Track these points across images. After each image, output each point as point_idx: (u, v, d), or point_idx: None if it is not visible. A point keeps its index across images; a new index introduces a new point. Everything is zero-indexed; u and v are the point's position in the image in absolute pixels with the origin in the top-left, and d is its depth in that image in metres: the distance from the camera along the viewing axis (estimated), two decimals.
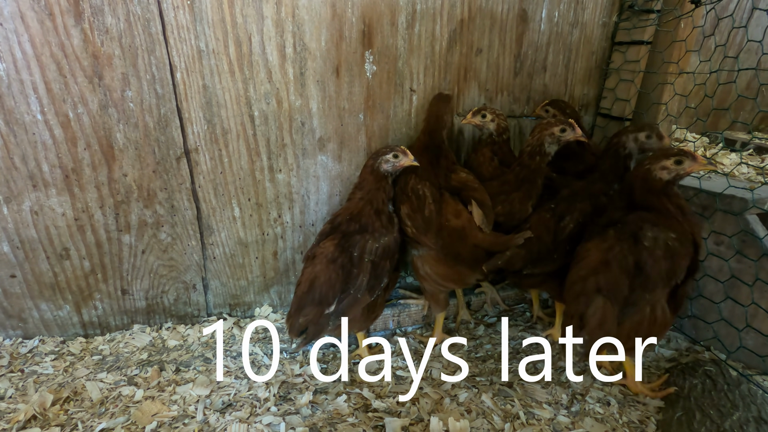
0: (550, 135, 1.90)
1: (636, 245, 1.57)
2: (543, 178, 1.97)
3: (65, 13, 1.59)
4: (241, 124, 1.92)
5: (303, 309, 1.69)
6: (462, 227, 1.81)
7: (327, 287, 1.69)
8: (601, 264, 1.58)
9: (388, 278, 1.88)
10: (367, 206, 1.86)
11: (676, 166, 1.62)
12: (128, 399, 1.66)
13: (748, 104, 2.87)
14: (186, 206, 1.97)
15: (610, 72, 2.46)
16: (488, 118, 2.09)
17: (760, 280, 1.76)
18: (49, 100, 1.67)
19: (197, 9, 1.71)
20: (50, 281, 1.91)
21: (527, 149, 1.94)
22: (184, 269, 2.08)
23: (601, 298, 1.54)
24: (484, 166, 2.13)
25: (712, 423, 1.45)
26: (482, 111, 2.09)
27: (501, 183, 2.00)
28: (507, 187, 1.97)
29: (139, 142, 1.82)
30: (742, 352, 1.83)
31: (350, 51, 1.97)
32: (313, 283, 1.70)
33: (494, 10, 2.15)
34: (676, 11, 2.13)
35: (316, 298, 1.69)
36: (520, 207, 1.94)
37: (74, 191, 1.81)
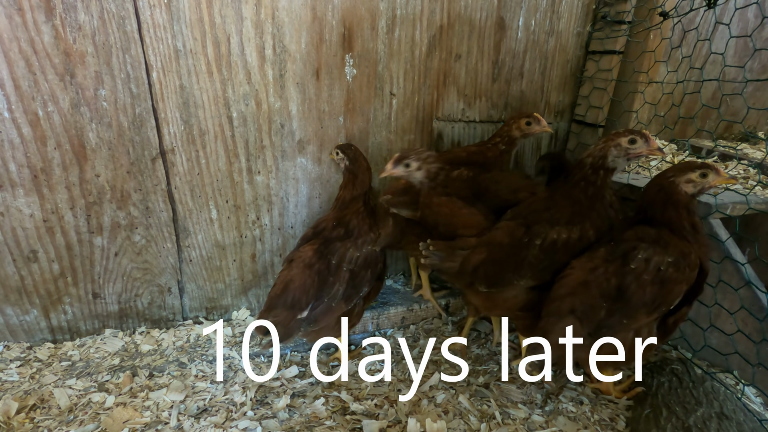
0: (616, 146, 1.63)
1: (623, 267, 1.49)
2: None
3: (35, 9, 1.54)
4: (219, 125, 1.90)
5: (273, 310, 1.67)
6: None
7: (300, 292, 1.68)
8: (581, 285, 1.52)
9: (369, 287, 1.85)
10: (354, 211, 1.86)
11: (701, 180, 1.54)
12: (98, 406, 1.62)
13: (713, 113, 3.00)
14: (161, 208, 1.93)
15: (584, 80, 2.54)
16: (413, 167, 1.73)
17: (723, 281, 1.84)
18: (17, 98, 1.61)
19: (174, 8, 1.69)
20: (17, 285, 1.84)
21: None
22: (159, 272, 2.04)
23: (572, 318, 1.49)
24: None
25: (678, 419, 1.51)
26: (404, 159, 1.73)
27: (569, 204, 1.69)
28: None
29: (112, 142, 1.78)
30: (707, 350, 1.91)
31: (330, 54, 1.98)
32: (287, 286, 1.69)
33: (473, 17, 2.19)
34: (646, 23, 2.22)
35: (288, 301, 1.67)
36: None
37: (43, 192, 1.75)
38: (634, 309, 1.47)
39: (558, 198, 1.72)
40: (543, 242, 1.64)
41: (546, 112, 2.57)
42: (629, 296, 1.46)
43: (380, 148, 2.24)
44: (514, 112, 2.47)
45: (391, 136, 2.24)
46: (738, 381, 1.86)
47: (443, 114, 2.32)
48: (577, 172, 1.70)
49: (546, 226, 1.66)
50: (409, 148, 1.88)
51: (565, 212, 1.67)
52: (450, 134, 2.38)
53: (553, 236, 1.64)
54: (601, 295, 1.49)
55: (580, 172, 1.68)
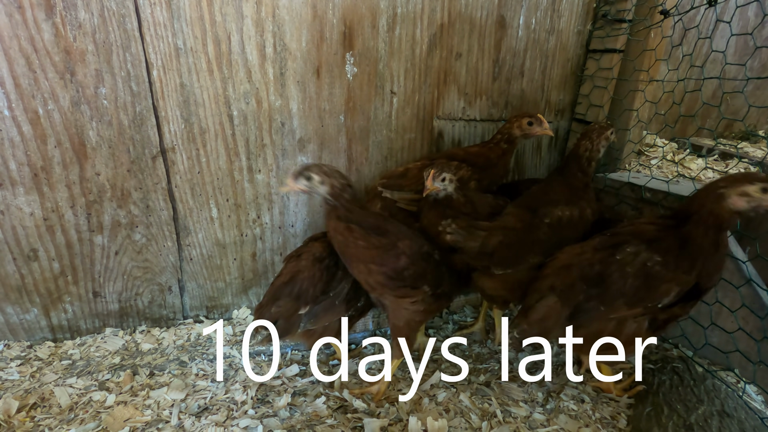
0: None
1: (610, 257, 1.52)
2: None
3: (35, 7, 1.54)
4: (219, 123, 1.89)
5: (278, 300, 1.62)
6: None
7: (309, 283, 1.64)
8: (564, 267, 1.59)
9: (366, 299, 1.81)
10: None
11: (761, 195, 1.33)
12: (99, 404, 1.61)
13: (713, 112, 3.00)
14: (162, 206, 1.93)
15: (585, 78, 2.54)
16: (315, 180, 1.49)
17: (724, 279, 1.84)
18: (17, 96, 1.61)
19: (175, 6, 1.69)
20: (17, 283, 1.83)
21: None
22: (160, 271, 2.03)
23: (554, 297, 1.55)
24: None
25: (679, 417, 1.51)
26: (305, 171, 1.49)
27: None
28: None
29: (113, 141, 1.78)
30: (708, 349, 1.91)
31: (331, 52, 1.98)
32: (295, 276, 1.65)
33: (473, 15, 2.19)
34: (647, 21, 2.22)
35: (294, 291, 1.63)
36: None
37: (43, 190, 1.75)
38: (612, 297, 1.48)
39: (554, 185, 1.93)
40: (551, 220, 1.79)
41: (546, 110, 2.57)
42: (609, 284, 1.48)
43: (380, 146, 2.24)
44: (515, 110, 2.46)
45: (391, 135, 2.24)
46: (739, 379, 1.86)
47: (444, 112, 2.32)
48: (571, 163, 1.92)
49: (550, 206, 1.82)
50: (311, 164, 1.55)
51: (563, 194, 1.87)
52: (451, 133, 2.38)
53: (558, 213, 1.81)
54: (581, 278, 1.52)
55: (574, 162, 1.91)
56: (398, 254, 1.56)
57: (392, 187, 2.00)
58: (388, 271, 1.55)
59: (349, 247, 1.55)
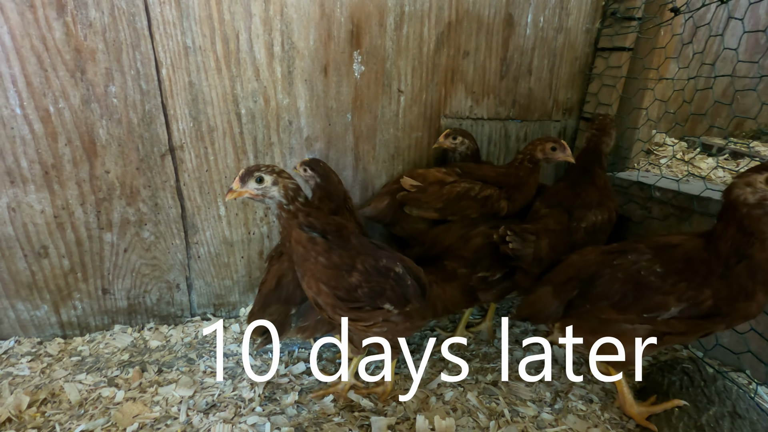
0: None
1: (609, 261, 1.52)
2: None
3: (47, 6, 1.56)
4: (227, 121, 1.90)
5: (269, 307, 1.63)
6: None
7: (294, 285, 1.63)
8: (566, 264, 1.65)
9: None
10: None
11: (765, 186, 1.23)
12: (108, 400, 1.62)
13: (724, 110, 2.97)
14: (170, 204, 1.94)
15: (593, 77, 2.52)
16: (267, 181, 1.30)
17: None
18: (28, 94, 1.63)
19: (184, 5, 1.70)
20: (27, 280, 1.85)
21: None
22: (168, 268, 2.05)
23: (549, 287, 1.61)
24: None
25: (690, 418, 1.49)
26: (254, 172, 1.29)
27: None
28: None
29: (122, 139, 1.79)
30: (718, 349, 1.89)
31: (338, 51, 1.98)
32: (280, 280, 1.65)
33: (481, 13, 2.18)
34: (656, 19, 2.20)
35: (282, 296, 1.64)
36: None
37: (54, 188, 1.77)
38: (597, 298, 1.50)
39: (582, 185, 1.95)
40: (587, 225, 1.86)
41: (554, 109, 2.56)
42: (596, 284, 1.51)
43: (387, 145, 2.24)
44: (522, 109, 2.45)
45: (398, 133, 2.24)
46: (751, 380, 1.83)
47: (451, 111, 2.31)
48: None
49: (584, 209, 1.88)
50: (260, 165, 1.35)
51: (594, 196, 1.91)
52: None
53: (593, 218, 1.87)
54: (577, 276, 1.57)
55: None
56: (350, 271, 1.41)
57: (412, 201, 2.02)
58: (339, 292, 1.41)
59: (308, 261, 1.40)
